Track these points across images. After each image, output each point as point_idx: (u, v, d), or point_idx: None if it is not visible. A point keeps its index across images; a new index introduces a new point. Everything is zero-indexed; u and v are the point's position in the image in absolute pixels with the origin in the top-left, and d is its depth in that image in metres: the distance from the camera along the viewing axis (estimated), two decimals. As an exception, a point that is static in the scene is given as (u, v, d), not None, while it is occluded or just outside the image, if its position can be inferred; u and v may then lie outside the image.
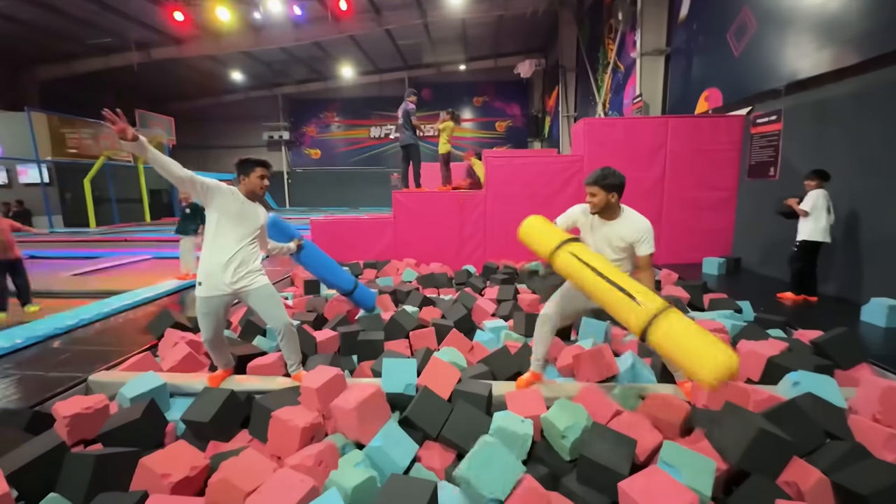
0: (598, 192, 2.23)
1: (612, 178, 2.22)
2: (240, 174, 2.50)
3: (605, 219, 2.30)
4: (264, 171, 2.52)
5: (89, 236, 11.26)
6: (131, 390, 2.35)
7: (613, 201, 2.25)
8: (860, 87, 4.05)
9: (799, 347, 2.81)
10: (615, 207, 2.28)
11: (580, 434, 1.93)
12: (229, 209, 2.39)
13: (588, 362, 2.67)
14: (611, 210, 2.27)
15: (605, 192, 2.22)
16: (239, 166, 2.51)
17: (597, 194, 2.24)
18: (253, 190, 2.50)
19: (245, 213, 2.45)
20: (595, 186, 2.24)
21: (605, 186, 2.22)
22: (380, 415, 2.01)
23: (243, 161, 2.52)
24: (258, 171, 2.49)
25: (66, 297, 4.75)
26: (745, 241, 5.86)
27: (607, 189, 2.22)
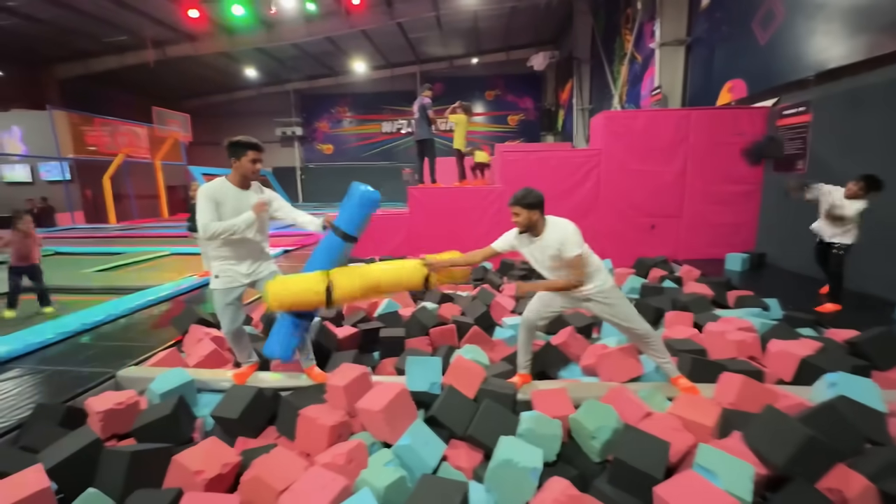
0: (520, 211, 2.28)
1: (530, 197, 2.27)
2: (231, 157, 2.38)
3: (534, 235, 2.34)
4: (257, 154, 2.40)
5: (110, 232, 11.49)
6: (161, 386, 2.39)
7: (535, 218, 2.29)
8: None
9: (833, 347, 2.73)
10: (539, 223, 2.30)
11: (610, 435, 1.90)
12: (228, 206, 2.36)
13: (613, 362, 2.63)
14: (536, 226, 2.31)
15: (527, 211, 2.26)
16: (230, 149, 2.37)
17: (520, 214, 2.29)
18: (245, 174, 2.40)
19: (242, 204, 2.40)
20: (517, 206, 2.29)
21: (526, 206, 2.26)
22: (407, 414, 2.00)
23: (234, 143, 2.36)
24: (250, 154, 2.37)
25: (92, 293, 4.85)
26: (769, 235, 5.72)
27: (528, 208, 2.26)
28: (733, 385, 2.18)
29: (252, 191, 2.48)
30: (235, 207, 2.38)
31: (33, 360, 3.04)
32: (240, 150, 2.37)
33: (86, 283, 5.32)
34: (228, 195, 2.37)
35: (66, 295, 4.70)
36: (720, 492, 1.49)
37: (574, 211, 6.10)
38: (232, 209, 2.36)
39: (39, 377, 2.75)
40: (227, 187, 2.39)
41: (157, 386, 2.40)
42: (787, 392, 2.18)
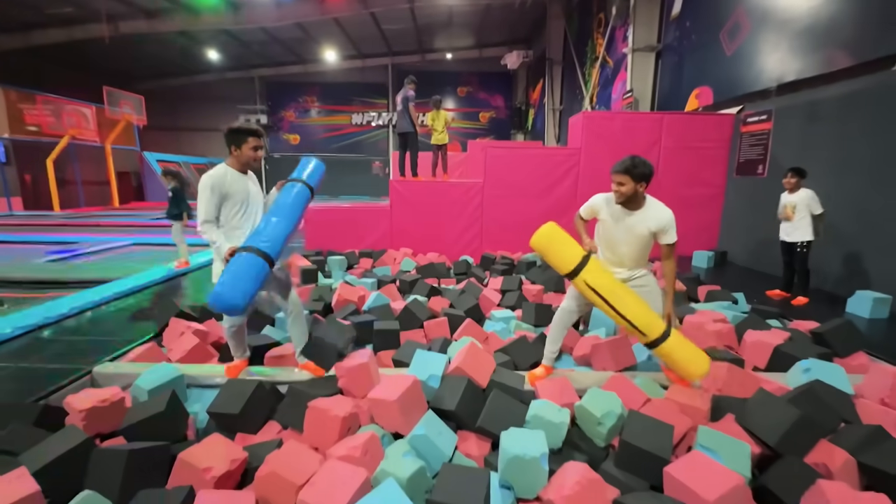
0: (626, 181, 2.19)
1: (641, 167, 2.19)
2: (230, 145, 2.30)
3: (630, 209, 2.28)
4: (258, 142, 2.33)
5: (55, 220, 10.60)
6: (148, 382, 2.24)
7: (641, 191, 2.23)
8: (850, 90, 4.24)
9: (799, 337, 2.96)
10: (641, 198, 2.27)
11: (616, 421, 1.98)
12: (239, 192, 2.30)
13: (607, 352, 2.73)
14: (636, 200, 2.26)
15: (635, 182, 2.19)
16: (229, 137, 2.29)
17: (625, 183, 2.20)
18: (246, 162, 2.33)
19: (245, 192, 2.33)
20: (624, 175, 2.19)
21: (635, 176, 2.18)
22: (418, 405, 2.00)
23: (234, 130, 2.29)
24: (251, 141, 2.30)
25: (48, 286, 4.46)
26: (730, 235, 6.11)
27: (636, 178, 2.18)
28: (720, 373, 2.32)
29: (249, 178, 2.38)
30: (238, 191, 2.29)
31: (-11, 356, 2.77)
32: (240, 137, 2.28)
33: (39, 275, 4.88)
34: (234, 179, 2.28)
35: (18, 288, 4.30)
36: (725, 469, 1.60)
37: (554, 207, 6.27)
38: (242, 193, 2.30)
39: (2, 375, 2.51)
40: (230, 174, 2.28)
41: (143, 382, 2.25)
42: (767, 377, 2.35)
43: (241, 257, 2.09)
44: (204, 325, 3.18)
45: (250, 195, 2.36)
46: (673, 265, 2.37)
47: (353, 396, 2.21)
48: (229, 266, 2.08)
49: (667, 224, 2.26)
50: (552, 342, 2.58)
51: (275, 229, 2.23)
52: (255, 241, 2.17)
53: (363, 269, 5.43)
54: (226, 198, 2.27)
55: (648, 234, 2.29)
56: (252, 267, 2.07)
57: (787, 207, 4.05)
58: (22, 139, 13.26)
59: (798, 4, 4.94)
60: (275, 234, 2.22)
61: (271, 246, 2.17)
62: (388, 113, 22.06)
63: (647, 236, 2.30)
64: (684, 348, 2.20)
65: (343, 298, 3.69)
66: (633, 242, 2.33)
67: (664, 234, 2.28)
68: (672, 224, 2.28)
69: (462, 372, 2.22)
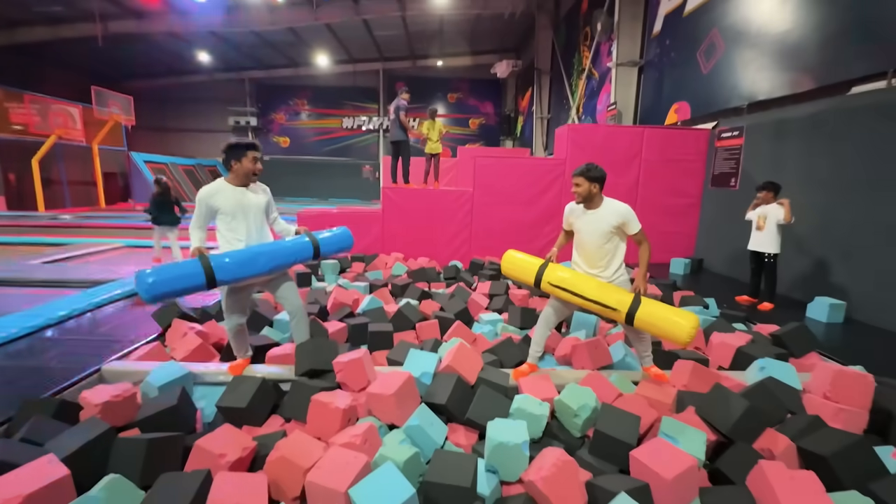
0: (582, 182, 2.50)
1: (594, 171, 2.49)
2: (230, 160, 2.46)
3: (590, 208, 2.57)
4: (257, 154, 2.51)
5: (40, 221, 10.50)
6: (157, 379, 2.40)
7: (595, 192, 2.51)
8: (814, 110, 4.59)
9: (760, 339, 3.24)
10: (597, 197, 2.55)
11: (590, 413, 2.20)
12: (228, 207, 2.47)
13: (585, 352, 2.96)
14: (593, 200, 2.54)
15: (589, 183, 2.48)
16: (229, 152, 2.45)
17: (581, 184, 2.50)
18: (247, 175, 2.51)
19: (246, 203, 2.51)
20: (580, 177, 2.51)
21: (589, 178, 2.49)
22: (413, 399, 2.19)
23: (233, 146, 2.46)
24: (250, 154, 2.47)
25: (47, 286, 4.53)
26: (706, 243, 6.44)
27: (590, 180, 2.48)
28: (686, 370, 2.58)
29: (250, 189, 2.56)
30: (240, 203, 2.48)
31: None
32: (240, 151, 2.45)
33: (36, 276, 4.94)
34: (226, 195, 2.46)
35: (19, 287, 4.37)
36: (682, 452, 1.82)
37: (541, 216, 6.53)
38: (233, 206, 2.47)
39: (13, 372, 2.63)
40: (223, 190, 2.47)
41: (153, 379, 2.40)
42: (727, 375, 2.61)
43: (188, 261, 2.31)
44: (204, 326, 3.32)
45: (245, 207, 2.51)
46: (647, 247, 2.61)
47: (349, 390, 2.40)
48: (177, 263, 2.33)
49: (625, 214, 2.52)
50: (536, 342, 2.79)
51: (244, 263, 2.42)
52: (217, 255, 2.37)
53: (355, 272, 5.60)
54: (217, 211, 2.47)
55: (611, 227, 2.52)
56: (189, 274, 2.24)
57: (759, 217, 4.36)
58: (6, 138, 13.08)
59: (767, 30, 5.30)
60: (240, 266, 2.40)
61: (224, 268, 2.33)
62: (379, 117, 22.24)
63: (610, 230, 2.53)
64: (661, 310, 2.34)
65: (338, 301, 3.86)
66: (600, 239, 2.56)
67: (627, 225, 2.52)
68: (630, 213, 2.53)
69: (452, 369, 2.42)
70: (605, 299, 2.43)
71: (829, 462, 1.79)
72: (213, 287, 2.33)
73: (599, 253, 2.59)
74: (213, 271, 2.28)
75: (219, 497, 1.57)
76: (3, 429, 2.11)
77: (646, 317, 2.34)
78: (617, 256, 2.62)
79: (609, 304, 2.42)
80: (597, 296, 2.45)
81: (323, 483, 1.65)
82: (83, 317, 3.60)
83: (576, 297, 2.50)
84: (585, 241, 2.62)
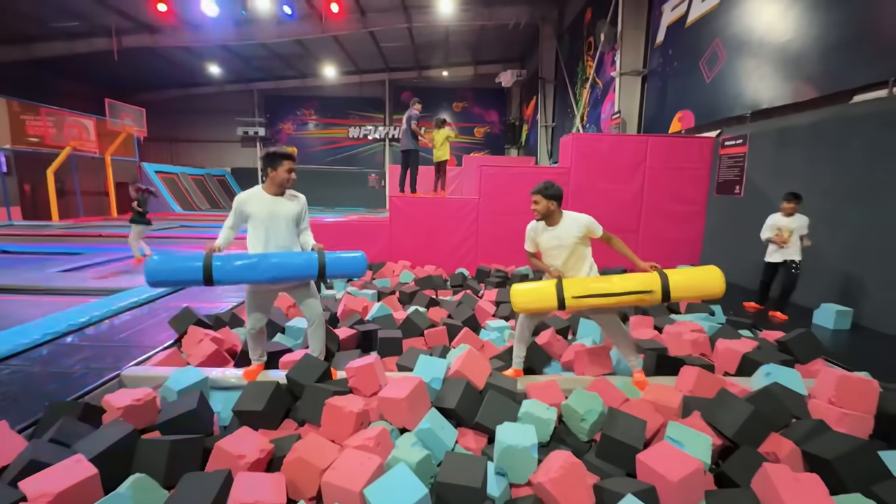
0: (540, 199, 2.61)
1: (551, 189, 2.59)
2: (267, 167, 2.59)
3: (551, 224, 2.68)
4: (292, 164, 2.61)
5: (55, 230, 10.73)
6: (176, 384, 2.48)
7: (553, 208, 2.64)
8: (817, 118, 4.64)
9: (766, 345, 3.27)
10: (556, 213, 2.66)
11: (597, 418, 2.25)
12: (259, 213, 2.59)
13: (586, 358, 3.01)
14: (553, 216, 2.66)
15: (546, 201, 2.59)
16: (266, 160, 2.59)
17: (539, 202, 2.61)
18: (281, 183, 2.62)
19: (276, 210, 2.62)
20: (538, 195, 2.61)
21: (546, 196, 2.61)
22: (423, 403, 2.25)
23: (271, 154, 2.59)
24: (286, 164, 2.58)
25: (68, 293, 4.66)
26: (711, 250, 6.46)
27: (548, 198, 2.59)
28: (691, 376, 2.61)
29: (285, 197, 2.67)
30: (270, 212, 2.59)
31: (22, 360, 2.98)
32: (276, 160, 2.57)
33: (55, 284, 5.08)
34: (258, 202, 2.60)
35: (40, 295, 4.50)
36: (688, 456, 1.87)
37: (545, 223, 6.58)
38: (266, 214, 2.59)
39: (36, 377, 2.73)
40: (257, 197, 2.61)
41: (173, 383, 2.49)
42: (732, 381, 2.64)
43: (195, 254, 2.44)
44: (219, 332, 3.41)
45: (274, 215, 2.62)
46: (617, 240, 2.72)
47: (361, 395, 2.46)
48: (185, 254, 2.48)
49: (587, 224, 2.64)
50: (518, 347, 2.89)
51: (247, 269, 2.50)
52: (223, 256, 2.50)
53: (364, 280, 5.68)
54: (248, 216, 2.62)
55: (576, 239, 2.64)
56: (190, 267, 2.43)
57: (783, 231, 4.17)
58: (23, 150, 13.42)
59: (769, 40, 5.38)
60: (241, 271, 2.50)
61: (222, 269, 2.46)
62: (385, 127, 22.51)
63: (574, 243, 2.65)
64: (686, 274, 2.47)
65: (349, 308, 3.94)
66: (567, 252, 2.67)
67: (592, 231, 2.64)
68: (591, 222, 2.65)
69: (461, 375, 2.49)
70: (636, 286, 2.47)
71: (832, 465, 1.83)
72: (210, 284, 2.46)
73: (570, 262, 2.71)
74: (212, 270, 2.42)
75: (240, 495, 1.64)
76: (32, 430, 2.20)
77: (679, 285, 2.43)
78: (586, 256, 2.75)
79: (643, 289, 2.46)
80: (625, 287, 2.48)
81: (339, 483, 1.71)
82: (102, 324, 3.70)
83: (605, 298, 2.51)
84: (553, 256, 2.73)
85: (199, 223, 13.25)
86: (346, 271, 2.77)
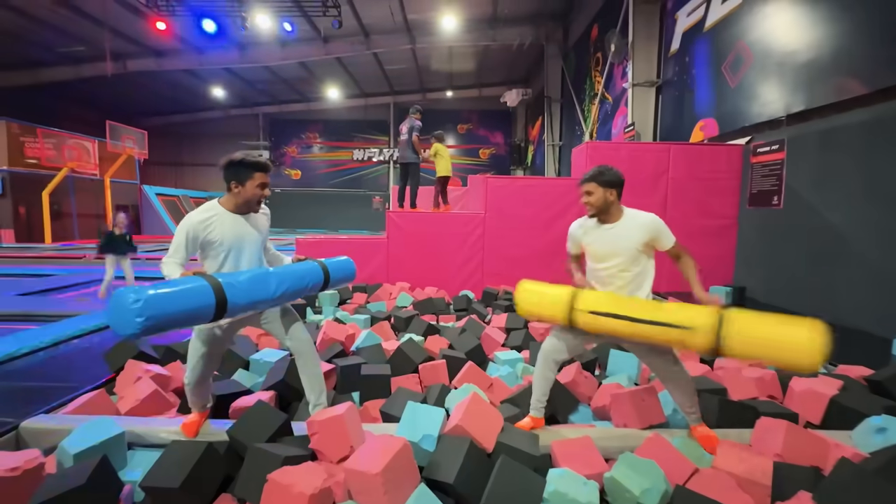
0: (594, 189, 1.97)
1: (609, 175, 1.97)
2: (230, 181, 1.92)
3: (605, 222, 2.02)
4: (265, 178, 1.96)
5: (42, 252, 10.29)
6: (76, 443, 1.82)
7: (612, 199, 1.98)
8: (868, 117, 4.05)
9: (852, 385, 2.56)
10: (614, 207, 2.00)
11: (659, 500, 1.56)
12: (224, 239, 1.91)
13: (629, 404, 2.31)
14: (611, 211, 2.00)
15: (603, 189, 1.96)
16: (230, 170, 1.91)
17: (593, 192, 1.97)
18: (248, 201, 1.95)
19: (243, 233, 1.97)
20: (591, 184, 1.98)
21: (603, 183, 1.95)
22: (408, 477, 1.58)
23: (235, 163, 1.90)
24: (258, 177, 1.93)
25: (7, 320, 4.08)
26: (747, 269, 5.77)
27: (605, 185, 1.95)
28: (777, 432, 1.91)
29: (248, 218, 2.00)
30: (236, 235, 1.93)
31: None
32: (243, 171, 1.90)
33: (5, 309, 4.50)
34: (223, 225, 1.91)
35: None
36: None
37: (557, 239, 5.91)
38: (232, 238, 1.93)
39: None
40: (218, 218, 1.91)
41: (70, 443, 1.83)
42: (836, 440, 1.93)
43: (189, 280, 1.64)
44: (167, 367, 2.78)
45: (243, 240, 1.97)
46: (690, 259, 2.02)
47: (326, 460, 1.80)
48: (170, 282, 1.62)
49: (654, 226, 1.97)
50: (539, 389, 2.15)
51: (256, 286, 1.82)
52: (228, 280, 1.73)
53: (356, 304, 5.06)
54: (207, 245, 1.91)
55: (638, 246, 1.97)
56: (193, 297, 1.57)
57: None
58: (19, 171, 13.20)
59: (801, 36, 4.87)
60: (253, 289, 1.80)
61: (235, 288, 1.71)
62: (390, 149, 22.34)
63: (635, 250, 1.97)
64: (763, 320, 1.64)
65: (328, 337, 3.29)
66: (623, 261, 1.98)
67: (659, 240, 1.97)
68: (660, 224, 1.98)
69: (463, 431, 1.82)
70: (669, 317, 1.72)
71: None
72: (222, 314, 1.68)
73: (621, 280, 2.01)
74: (224, 290, 1.66)
75: None
76: None
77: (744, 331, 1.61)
78: (645, 283, 2.04)
79: (676, 323, 1.68)
80: (656, 315, 1.76)
81: None
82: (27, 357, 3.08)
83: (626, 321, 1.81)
84: (603, 267, 2.04)
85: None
86: (345, 274, 2.41)
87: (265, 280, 1.87)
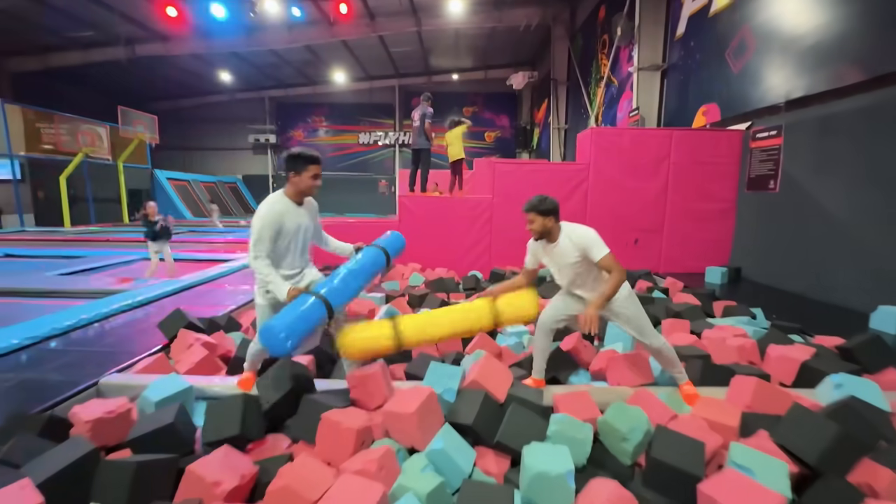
0: (535, 217, 2.29)
1: (546, 204, 2.27)
2: (290, 171, 2.20)
3: (550, 242, 2.35)
4: (318, 170, 2.23)
5: (65, 235, 10.70)
6: (155, 394, 2.18)
7: (550, 224, 2.29)
8: (867, 103, 4.22)
9: (824, 352, 2.86)
10: (554, 230, 2.32)
11: (642, 437, 1.89)
12: (291, 227, 2.22)
13: (624, 366, 2.64)
14: (551, 233, 2.32)
15: (542, 217, 2.27)
16: (290, 162, 2.19)
17: (534, 220, 2.29)
18: (303, 191, 2.24)
19: (301, 223, 2.28)
20: (532, 213, 2.29)
21: (541, 212, 2.27)
22: (436, 419, 1.92)
23: (295, 156, 2.19)
24: (311, 169, 2.19)
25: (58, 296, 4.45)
26: (743, 251, 6.03)
27: (543, 214, 2.27)
28: (747, 388, 2.23)
29: (304, 208, 2.31)
30: (294, 224, 2.23)
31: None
32: (300, 163, 2.18)
33: (49, 286, 4.88)
34: (290, 214, 2.21)
35: (30, 298, 4.29)
36: (763, 488, 1.50)
37: (562, 223, 6.22)
38: (295, 227, 2.24)
39: (7, 385, 2.46)
40: (287, 204, 2.22)
41: (151, 393, 2.19)
42: (798, 393, 2.25)
43: (306, 302, 2.06)
44: (212, 336, 3.13)
45: (300, 228, 2.26)
46: (617, 275, 2.21)
47: (364, 408, 2.14)
48: (293, 306, 2.04)
49: (583, 242, 2.24)
50: (538, 357, 2.54)
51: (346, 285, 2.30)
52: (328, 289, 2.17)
53: (371, 283, 5.39)
54: (278, 234, 2.18)
55: (577, 258, 2.28)
56: (314, 313, 2.06)
57: None
58: (37, 157, 13.53)
59: (804, 22, 4.99)
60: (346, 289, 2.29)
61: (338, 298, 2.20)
62: (395, 132, 22.41)
63: (576, 261, 2.29)
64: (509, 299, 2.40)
65: (354, 311, 3.63)
66: (570, 271, 2.34)
67: (590, 251, 2.23)
68: (590, 238, 2.25)
69: (479, 385, 2.15)
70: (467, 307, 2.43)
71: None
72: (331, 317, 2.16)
73: (578, 279, 2.37)
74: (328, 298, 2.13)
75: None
76: (-14, 447, 1.92)
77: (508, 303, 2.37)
78: (601, 274, 2.34)
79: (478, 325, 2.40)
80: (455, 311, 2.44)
81: (332, 519, 1.39)
82: (89, 328, 3.45)
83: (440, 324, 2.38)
84: (559, 275, 2.42)
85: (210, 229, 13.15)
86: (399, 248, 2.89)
87: (351, 280, 2.33)
